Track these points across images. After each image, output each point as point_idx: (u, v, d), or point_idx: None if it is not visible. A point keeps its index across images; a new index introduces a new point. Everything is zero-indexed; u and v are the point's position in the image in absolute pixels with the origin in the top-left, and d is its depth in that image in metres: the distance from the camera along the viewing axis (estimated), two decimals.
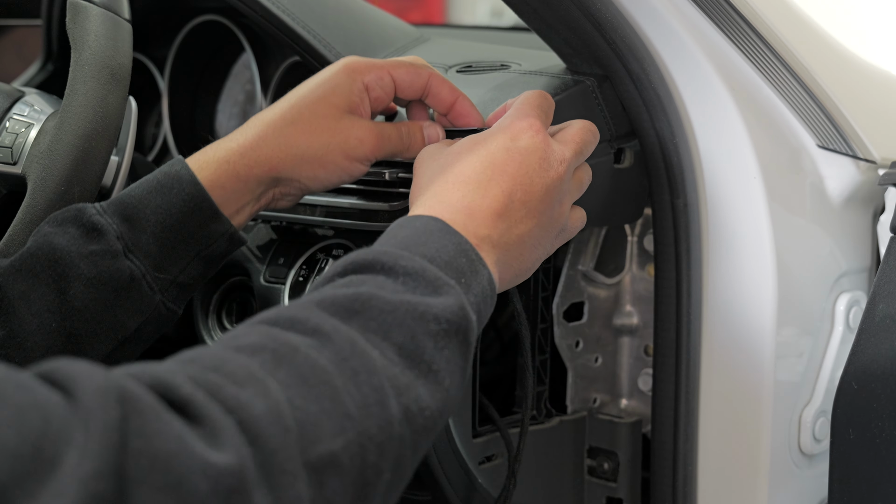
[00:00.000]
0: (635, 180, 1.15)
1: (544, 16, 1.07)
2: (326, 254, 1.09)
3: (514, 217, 0.87)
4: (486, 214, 0.85)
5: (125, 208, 0.94)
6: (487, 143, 0.89)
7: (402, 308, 0.73)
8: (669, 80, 1.09)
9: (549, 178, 0.90)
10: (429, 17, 4.40)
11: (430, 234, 0.80)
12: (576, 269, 1.22)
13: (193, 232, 0.94)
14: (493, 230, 0.85)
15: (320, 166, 0.96)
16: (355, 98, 0.97)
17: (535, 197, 0.88)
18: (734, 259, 1.12)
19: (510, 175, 0.87)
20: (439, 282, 0.76)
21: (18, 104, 1.07)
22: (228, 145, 0.96)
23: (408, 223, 0.82)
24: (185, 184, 0.94)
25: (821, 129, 1.16)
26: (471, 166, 0.87)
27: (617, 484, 1.23)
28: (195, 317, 1.19)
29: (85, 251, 0.92)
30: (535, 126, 0.91)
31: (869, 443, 1.05)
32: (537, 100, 0.96)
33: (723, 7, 1.05)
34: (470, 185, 0.86)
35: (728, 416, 1.14)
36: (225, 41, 1.49)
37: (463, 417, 1.09)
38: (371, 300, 0.72)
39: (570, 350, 1.22)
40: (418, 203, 0.87)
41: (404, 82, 0.99)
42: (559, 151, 0.92)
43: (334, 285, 0.75)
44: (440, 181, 0.87)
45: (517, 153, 0.89)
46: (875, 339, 1.06)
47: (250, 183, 0.96)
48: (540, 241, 0.90)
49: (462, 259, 0.80)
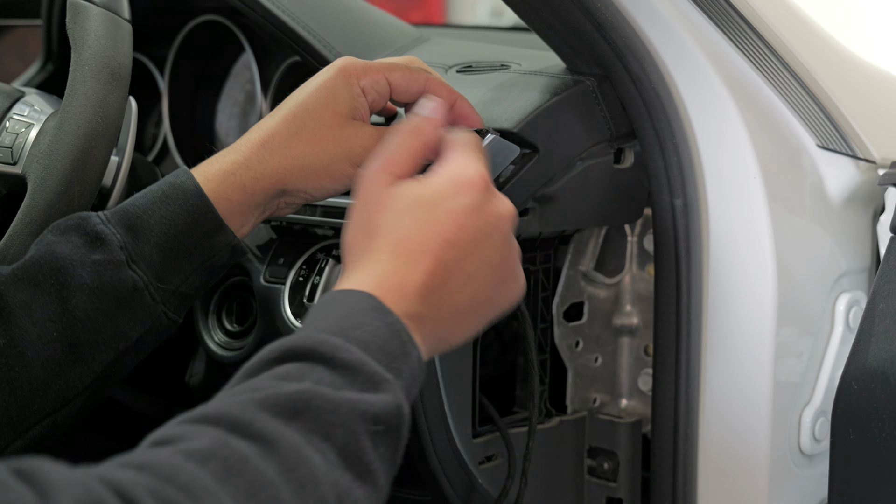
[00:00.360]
0: (635, 180, 1.15)
1: (544, 16, 1.07)
2: (326, 254, 1.09)
3: (447, 288, 0.82)
4: (417, 290, 0.81)
5: (129, 218, 0.93)
6: (429, 202, 0.83)
7: (343, 407, 0.71)
8: (669, 80, 1.09)
9: (494, 237, 0.85)
10: (429, 17, 4.41)
11: (364, 315, 0.78)
12: (576, 269, 1.22)
13: (197, 243, 0.94)
14: (424, 306, 0.81)
15: (327, 176, 0.96)
16: (355, 103, 0.97)
17: (474, 261, 0.84)
18: (734, 259, 1.12)
19: (448, 242, 0.82)
20: (377, 377, 0.74)
21: (18, 104, 1.07)
22: (234, 157, 0.95)
23: (342, 299, 0.79)
24: (189, 195, 0.93)
25: (821, 129, 1.16)
26: (406, 232, 0.82)
27: (617, 484, 1.23)
28: (195, 317, 1.19)
29: (88, 260, 0.91)
30: (482, 179, 0.85)
31: (869, 443, 1.05)
32: (474, 141, 0.91)
33: (723, 7, 1.05)
34: (403, 258, 0.81)
35: (728, 416, 1.14)
36: (225, 41, 1.49)
37: (463, 417, 1.09)
38: (313, 399, 0.71)
39: (570, 350, 1.22)
40: (350, 266, 0.83)
41: (400, 86, 0.98)
42: (502, 205, 0.86)
43: (273, 375, 0.73)
44: (375, 243, 0.83)
45: (459, 215, 0.83)
46: (875, 339, 1.06)
47: (256, 195, 0.95)
48: (482, 304, 0.85)
49: (395, 342, 0.77)
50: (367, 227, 0.84)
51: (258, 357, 0.75)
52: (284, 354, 0.75)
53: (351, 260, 0.84)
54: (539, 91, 1.09)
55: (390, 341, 0.77)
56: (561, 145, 1.08)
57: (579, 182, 1.10)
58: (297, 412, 0.70)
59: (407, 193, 0.84)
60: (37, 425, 0.92)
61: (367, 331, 0.77)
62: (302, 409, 0.70)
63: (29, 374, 0.90)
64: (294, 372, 0.73)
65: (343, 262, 0.85)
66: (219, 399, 0.72)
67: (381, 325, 0.78)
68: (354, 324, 0.77)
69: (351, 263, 0.84)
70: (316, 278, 1.06)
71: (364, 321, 0.77)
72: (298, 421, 0.70)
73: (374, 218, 0.84)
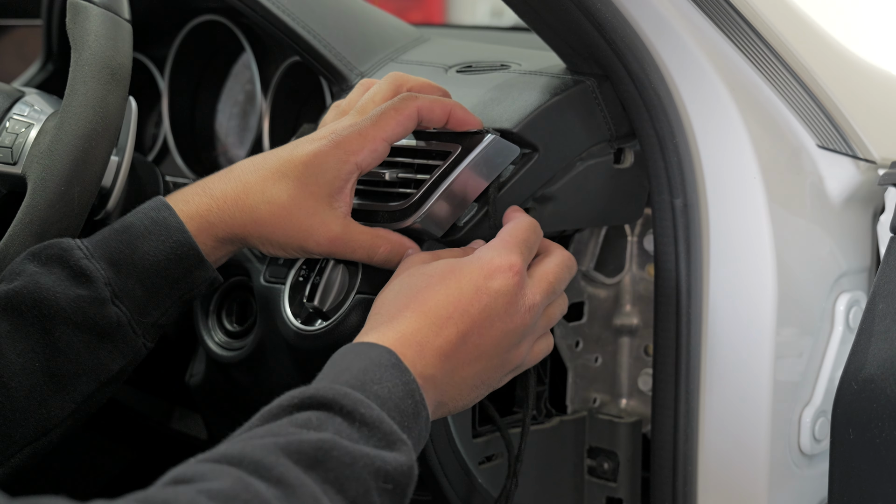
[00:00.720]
0: (635, 180, 1.15)
1: (544, 16, 1.07)
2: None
3: (462, 358, 0.87)
4: (435, 354, 0.85)
5: (112, 253, 0.94)
6: (461, 276, 0.89)
7: (360, 462, 0.74)
8: (669, 80, 1.09)
9: (513, 324, 0.90)
10: (429, 17, 4.41)
11: (383, 371, 0.81)
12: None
13: (179, 278, 0.96)
14: (439, 370, 0.86)
15: (280, 249, 0.99)
16: (339, 183, 0.97)
17: (490, 341, 0.89)
18: (734, 259, 1.12)
19: (471, 316, 0.88)
20: (393, 437, 0.77)
21: (18, 104, 1.07)
22: (209, 204, 0.98)
23: (364, 353, 0.83)
24: (172, 231, 0.95)
25: (821, 129, 1.16)
26: (435, 299, 0.88)
27: (617, 484, 1.23)
28: (195, 317, 1.19)
29: (72, 294, 0.92)
30: (514, 268, 0.91)
31: (869, 443, 1.05)
32: (525, 232, 0.95)
33: (723, 7, 1.05)
34: (427, 320, 0.86)
35: (728, 416, 1.14)
36: (225, 41, 1.49)
37: (463, 417, 1.09)
38: (332, 450, 0.73)
39: (570, 350, 1.22)
40: (376, 323, 0.88)
41: (398, 134, 0.99)
42: (530, 297, 0.92)
43: (293, 422, 0.75)
44: (403, 304, 0.88)
45: (486, 294, 0.89)
46: (875, 339, 1.07)
47: (226, 244, 0.99)
48: (485, 381, 0.91)
49: (409, 401, 0.81)
50: (401, 294, 0.89)
51: (278, 402, 0.77)
52: (305, 402, 0.77)
53: (378, 314, 0.89)
54: (539, 91, 1.09)
55: (405, 399, 0.81)
56: (561, 145, 1.08)
57: (579, 182, 1.10)
58: (316, 462, 0.72)
59: (444, 265, 0.90)
60: (17, 454, 0.92)
61: (386, 387, 0.80)
62: (322, 460, 0.72)
63: (11, 404, 0.91)
64: (314, 421, 0.75)
65: (371, 315, 0.89)
66: (239, 440, 0.73)
67: (398, 382, 0.81)
68: (374, 378, 0.80)
69: (377, 317, 0.88)
70: (316, 278, 1.06)
71: (383, 377, 0.81)
72: (317, 470, 0.72)
73: (411, 279, 0.90)
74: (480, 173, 1.02)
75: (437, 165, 1.03)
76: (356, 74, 1.22)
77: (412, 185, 1.03)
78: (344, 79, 1.22)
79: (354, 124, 0.98)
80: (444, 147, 1.04)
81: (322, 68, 1.23)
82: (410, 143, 1.07)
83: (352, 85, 1.21)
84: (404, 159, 1.06)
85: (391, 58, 1.26)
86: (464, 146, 1.03)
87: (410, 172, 1.04)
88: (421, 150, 1.06)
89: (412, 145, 1.07)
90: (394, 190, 1.04)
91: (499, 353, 0.90)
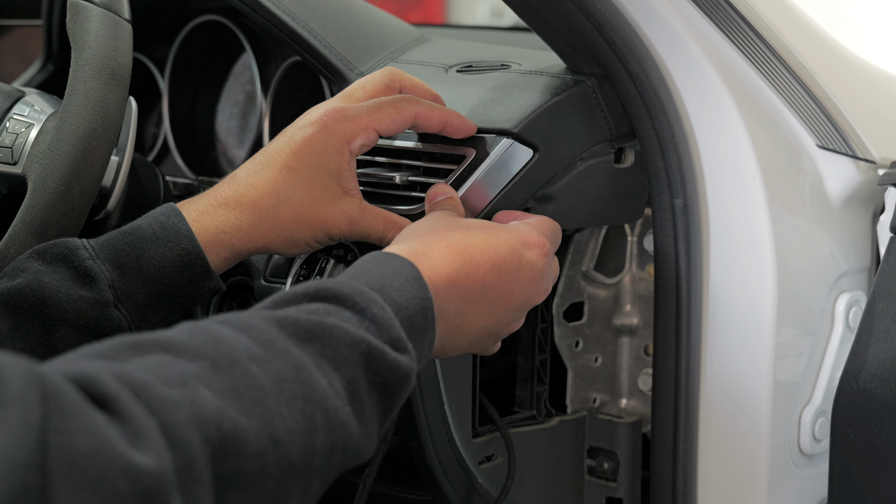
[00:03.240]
0: (635, 180, 1.15)
1: (544, 16, 1.07)
2: (326, 254, 1.09)
3: (476, 307, 0.87)
4: (460, 293, 0.85)
5: (118, 255, 0.93)
6: (501, 233, 0.90)
7: (362, 344, 0.72)
8: (669, 80, 1.09)
9: (528, 297, 0.91)
10: (429, 17, 4.41)
11: (404, 280, 0.80)
12: (576, 268, 1.22)
13: (183, 286, 0.95)
14: (454, 308, 0.85)
15: (305, 245, 0.99)
16: (346, 172, 0.97)
17: (505, 304, 0.89)
18: (734, 259, 1.12)
19: (501, 272, 0.88)
20: (400, 343, 0.75)
21: (19, 104, 1.07)
22: (225, 216, 0.96)
23: (388, 261, 0.82)
24: (181, 238, 0.94)
25: (820, 129, 1.16)
26: (474, 243, 0.87)
27: (617, 484, 1.23)
28: (195, 317, 1.19)
29: (75, 295, 0.91)
30: (545, 248, 0.92)
31: (869, 443, 1.05)
32: (554, 228, 0.97)
33: (722, 7, 1.05)
34: (462, 258, 0.86)
35: (728, 416, 1.14)
36: (225, 41, 1.49)
37: (463, 417, 1.09)
38: (333, 329, 0.71)
39: (570, 350, 1.23)
40: (409, 240, 0.87)
41: (389, 130, 0.99)
42: (549, 282, 0.94)
43: (299, 308, 0.74)
44: (440, 236, 0.87)
45: (519, 259, 0.90)
46: (875, 338, 1.07)
47: (242, 254, 0.98)
48: (477, 340, 0.91)
49: (420, 316, 0.80)
50: (439, 228, 0.89)
51: (291, 290, 0.76)
52: (319, 293, 0.75)
53: (413, 236, 0.88)
54: (539, 91, 1.09)
55: (418, 314, 0.79)
56: (561, 145, 1.08)
57: (579, 182, 1.10)
58: (313, 336, 0.70)
59: (482, 221, 0.92)
60: None
61: (404, 295, 0.79)
62: (319, 335, 0.71)
63: None
64: (322, 309, 0.74)
65: (399, 238, 0.89)
66: (232, 314, 0.72)
67: (416, 295, 0.80)
68: (394, 286, 0.79)
69: (410, 239, 0.87)
70: (316, 278, 1.06)
71: (403, 286, 0.79)
72: (312, 345, 0.70)
73: (447, 219, 0.90)
74: (496, 178, 1.03)
75: (452, 170, 1.03)
76: (356, 74, 1.22)
77: (419, 188, 1.03)
78: (344, 79, 1.22)
79: (345, 108, 0.98)
80: (458, 151, 1.04)
81: (322, 68, 1.23)
82: (419, 145, 1.07)
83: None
84: (413, 162, 1.06)
85: (391, 58, 1.26)
86: (478, 150, 1.03)
87: (421, 175, 1.05)
88: (430, 154, 1.06)
89: (420, 148, 1.07)
90: (405, 193, 1.04)
91: (503, 320, 0.90)
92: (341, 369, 0.70)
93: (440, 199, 0.99)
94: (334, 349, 0.71)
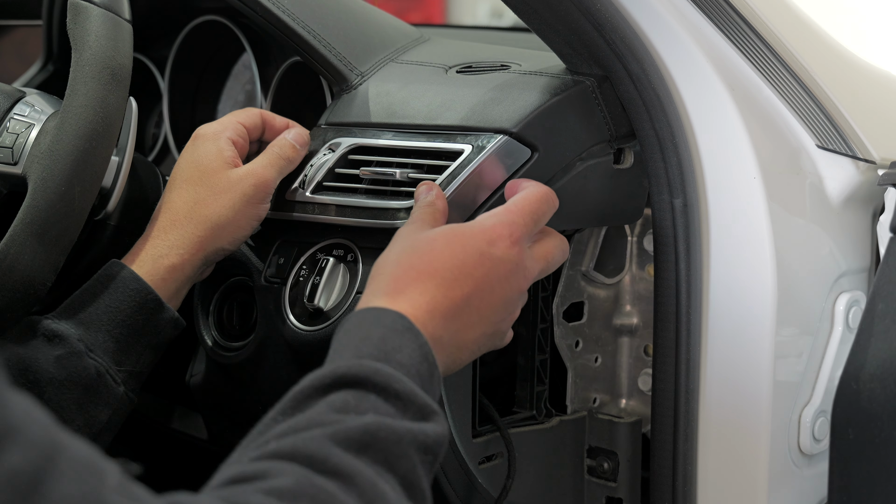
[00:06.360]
0: (635, 180, 1.15)
1: (544, 16, 1.07)
2: (326, 253, 1.09)
3: (465, 321, 0.88)
4: (442, 316, 0.86)
5: (77, 313, 1.02)
6: (466, 239, 0.90)
7: (406, 438, 0.75)
8: (669, 81, 1.09)
9: (511, 290, 0.91)
10: (429, 17, 4.41)
11: (399, 337, 0.82)
12: (576, 269, 1.22)
13: (143, 324, 1.03)
14: (446, 332, 0.87)
15: (236, 227, 1.07)
16: (228, 152, 1.09)
17: (490, 306, 0.90)
18: (734, 259, 1.12)
19: (475, 280, 0.89)
20: (427, 408, 0.78)
21: (19, 104, 1.07)
22: (154, 243, 1.06)
23: (377, 319, 0.83)
24: (128, 282, 1.03)
25: (820, 130, 1.16)
26: (440, 261, 0.88)
27: (617, 484, 1.23)
28: (195, 316, 1.19)
29: (51, 356, 0.99)
30: (514, 236, 0.91)
31: (868, 443, 1.06)
32: (534, 204, 0.95)
33: (722, 7, 1.05)
34: (435, 281, 0.87)
35: (728, 416, 1.14)
36: (225, 41, 1.49)
37: (463, 417, 1.09)
38: (379, 432, 0.74)
39: (570, 350, 1.23)
40: (383, 282, 0.88)
41: (249, 122, 1.12)
42: (529, 268, 0.93)
43: (331, 406, 0.75)
44: (407, 268, 0.88)
45: (488, 259, 0.90)
46: (875, 339, 1.07)
47: (186, 270, 1.06)
48: (479, 348, 0.92)
49: (425, 365, 0.82)
50: (404, 257, 0.90)
51: (308, 382, 0.78)
52: (338, 381, 0.77)
53: (381, 276, 0.89)
54: (539, 91, 1.09)
55: (422, 363, 0.82)
56: (561, 145, 1.08)
57: (579, 182, 1.10)
58: (365, 445, 0.73)
59: (446, 230, 0.91)
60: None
61: (406, 354, 0.81)
62: (370, 443, 0.73)
63: None
64: (352, 402, 0.76)
65: (371, 279, 0.89)
66: (283, 433, 0.74)
67: (414, 347, 0.82)
68: (395, 346, 0.81)
69: (382, 280, 0.88)
70: (316, 278, 1.06)
71: (402, 344, 0.82)
72: (367, 454, 0.73)
73: (410, 242, 0.91)
74: (491, 174, 1.03)
75: (448, 166, 1.03)
76: (356, 74, 1.22)
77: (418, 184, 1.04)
78: (344, 79, 1.22)
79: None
80: (455, 147, 1.04)
81: (322, 68, 1.23)
82: (420, 143, 1.07)
83: (352, 85, 1.21)
84: (414, 160, 1.07)
85: (391, 58, 1.26)
86: (475, 147, 1.04)
87: (421, 171, 1.05)
88: (430, 151, 1.07)
89: (421, 146, 1.07)
90: (405, 189, 1.05)
91: (495, 321, 0.91)
92: (395, 469, 0.74)
93: (421, 201, 0.99)
94: (385, 452, 0.74)
